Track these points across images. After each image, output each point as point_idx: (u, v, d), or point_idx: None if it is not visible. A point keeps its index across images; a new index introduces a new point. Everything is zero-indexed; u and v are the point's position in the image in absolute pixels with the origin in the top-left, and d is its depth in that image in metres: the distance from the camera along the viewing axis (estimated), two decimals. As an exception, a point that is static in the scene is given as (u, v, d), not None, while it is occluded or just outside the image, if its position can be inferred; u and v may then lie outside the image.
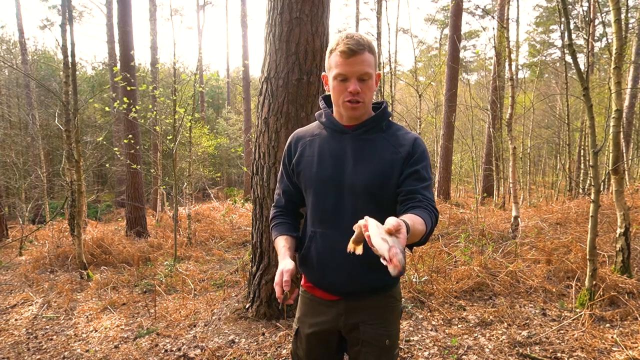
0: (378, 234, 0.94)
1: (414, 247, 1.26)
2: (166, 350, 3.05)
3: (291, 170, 1.44)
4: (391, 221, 0.94)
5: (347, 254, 1.08)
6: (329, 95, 1.37)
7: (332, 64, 1.26)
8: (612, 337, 2.82)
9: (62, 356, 3.18)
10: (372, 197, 1.29)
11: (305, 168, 1.38)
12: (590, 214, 3.32)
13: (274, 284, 1.26)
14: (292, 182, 1.46)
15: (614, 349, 2.69)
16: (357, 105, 1.27)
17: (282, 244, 1.39)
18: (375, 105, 1.39)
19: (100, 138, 10.97)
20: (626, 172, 10.02)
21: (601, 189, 8.45)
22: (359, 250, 1.07)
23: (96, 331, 3.64)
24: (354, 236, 1.08)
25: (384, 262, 0.91)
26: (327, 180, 1.32)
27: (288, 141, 1.47)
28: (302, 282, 1.50)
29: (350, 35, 1.23)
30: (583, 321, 3.05)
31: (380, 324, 1.37)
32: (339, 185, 1.31)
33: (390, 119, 1.39)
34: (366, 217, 1.00)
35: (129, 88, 7.67)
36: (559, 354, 2.66)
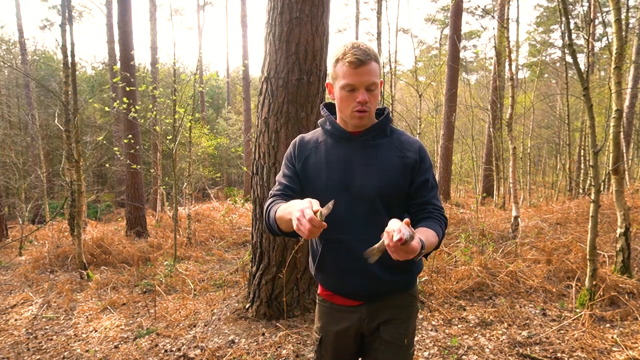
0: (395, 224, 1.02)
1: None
2: (166, 351, 3.04)
3: (298, 170, 1.39)
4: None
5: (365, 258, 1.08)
6: (330, 103, 1.37)
7: (339, 74, 1.25)
8: (612, 337, 2.82)
9: (62, 356, 3.18)
10: (383, 201, 1.30)
11: (312, 175, 1.36)
12: (591, 214, 3.32)
13: (303, 220, 1.00)
14: (294, 182, 1.38)
15: (614, 349, 2.69)
16: (365, 115, 1.28)
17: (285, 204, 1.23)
18: (378, 111, 1.39)
19: (100, 138, 10.98)
20: (626, 172, 10.01)
21: (601, 189, 8.45)
22: (373, 259, 1.11)
23: (96, 331, 3.64)
24: (378, 244, 1.10)
25: (386, 238, 1.01)
26: (337, 187, 1.32)
27: (293, 143, 1.44)
28: (319, 290, 1.49)
29: (356, 45, 1.23)
30: (583, 321, 3.05)
31: (401, 323, 1.39)
32: (350, 191, 1.31)
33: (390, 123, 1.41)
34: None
35: (128, 88, 7.67)
36: (559, 354, 2.66)
